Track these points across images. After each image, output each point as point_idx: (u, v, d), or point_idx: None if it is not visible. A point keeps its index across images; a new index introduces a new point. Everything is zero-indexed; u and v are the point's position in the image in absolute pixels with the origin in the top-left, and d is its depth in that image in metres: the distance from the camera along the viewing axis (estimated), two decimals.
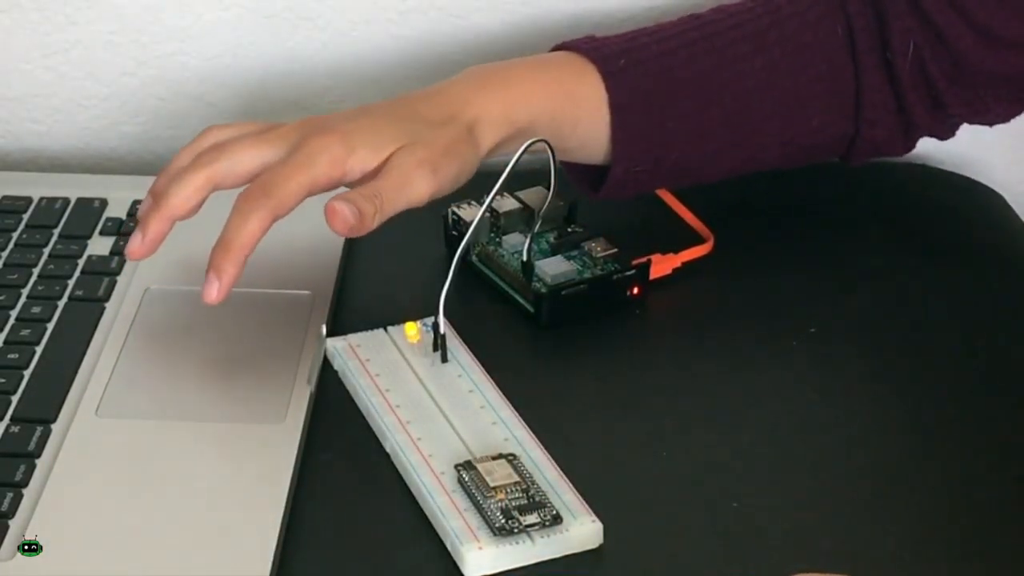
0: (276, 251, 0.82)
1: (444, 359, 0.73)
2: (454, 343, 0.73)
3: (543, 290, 0.76)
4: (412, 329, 0.74)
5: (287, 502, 0.65)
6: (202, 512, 0.65)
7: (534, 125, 0.76)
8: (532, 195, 0.81)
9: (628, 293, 0.78)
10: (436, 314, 0.72)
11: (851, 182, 0.88)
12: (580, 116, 0.78)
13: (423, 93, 0.76)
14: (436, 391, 0.71)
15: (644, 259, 0.79)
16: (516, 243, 0.79)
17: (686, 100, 0.79)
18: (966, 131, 0.85)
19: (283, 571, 0.63)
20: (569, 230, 0.80)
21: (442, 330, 0.72)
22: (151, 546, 0.63)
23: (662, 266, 0.80)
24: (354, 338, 0.75)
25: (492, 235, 0.81)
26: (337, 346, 0.74)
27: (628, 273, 0.78)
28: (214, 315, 0.77)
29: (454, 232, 0.81)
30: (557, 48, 0.81)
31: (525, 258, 0.77)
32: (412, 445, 0.67)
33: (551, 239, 0.79)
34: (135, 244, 0.72)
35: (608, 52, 0.79)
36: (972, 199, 0.91)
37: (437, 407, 0.70)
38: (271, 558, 0.62)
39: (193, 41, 0.94)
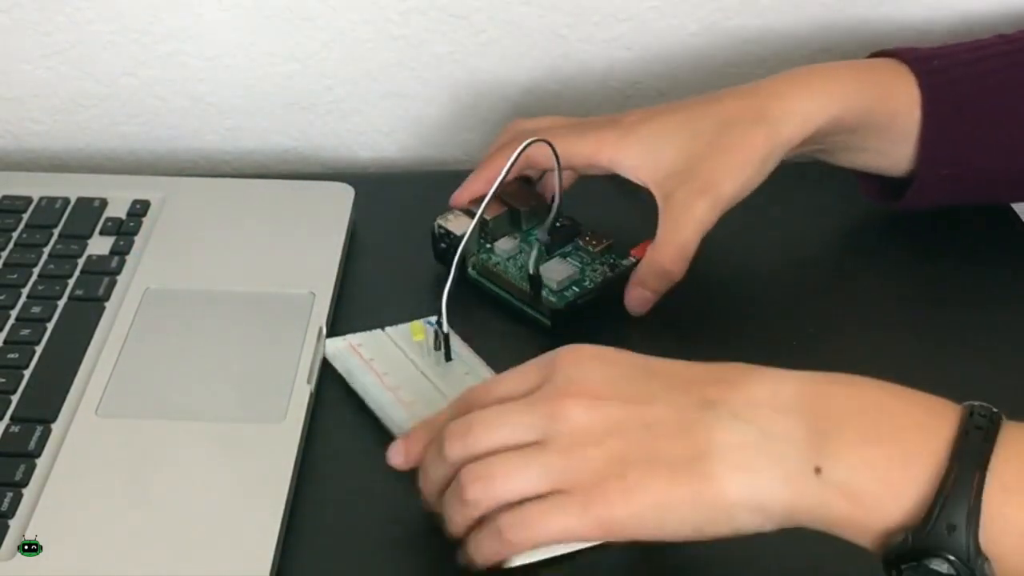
0: (276, 251, 0.82)
1: (448, 358, 0.73)
2: (457, 342, 0.73)
3: (560, 305, 0.76)
4: (417, 328, 0.74)
5: (287, 502, 0.65)
6: (202, 512, 0.64)
7: (850, 116, 0.77)
8: (516, 195, 0.80)
9: None
10: (439, 314, 0.72)
11: (851, 182, 0.88)
12: (897, 111, 0.78)
13: (729, 91, 0.78)
14: (445, 388, 0.71)
15: (641, 247, 0.78)
16: (508, 248, 0.79)
17: (997, 108, 0.79)
18: None
19: (283, 571, 0.63)
20: (558, 224, 0.79)
21: (445, 328, 0.72)
22: (151, 546, 0.63)
23: None
24: (354, 338, 0.75)
25: (482, 242, 0.80)
26: (338, 346, 0.74)
27: (630, 262, 0.78)
28: (214, 315, 0.77)
29: (443, 245, 0.80)
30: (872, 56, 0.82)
31: (532, 271, 0.76)
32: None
33: (540, 236, 0.78)
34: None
35: (921, 54, 0.79)
36: None
37: (439, 399, 0.70)
38: (271, 558, 0.62)
39: (193, 41, 0.93)
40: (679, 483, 0.57)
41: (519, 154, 0.72)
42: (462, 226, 0.78)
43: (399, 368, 0.72)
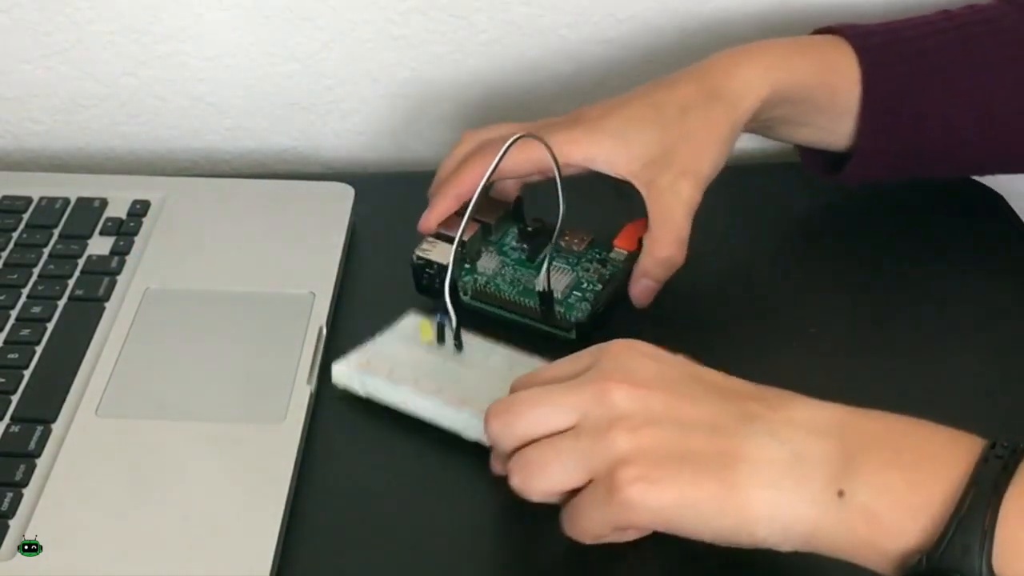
0: (276, 251, 0.82)
1: (459, 347, 0.71)
2: (465, 333, 0.72)
3: (584, 317, 0.75)
4: (425, 327, 0.72)
5: (287, 502, 0.65)
6: (202, 512, 0.64)
7: (793, 89, 0.78)
8: (482, 208, 0.77)
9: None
10: (444, 306, 0.71)
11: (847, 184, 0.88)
12: (838, 86, 0.79)
13: (680, 76, 0.79)
14: (465, 370, 0.70)
15: (623, 236, 0.78)
16: (492, 266, 0.77)
17: (937, 85, 0.80)
18: None
19: (283, 571, 0.63)
20: (529, 229, 0.78)
21: (454, 321, 0.71)
22: (151, 546, 0.63)
23: (639, 230, 0.78)
24: (357, 357, 0.72)
25: (463, 263, 0.77)
26: (346, 370, 0.72)
27: (619, 254, 0.77)
28: (214, 315, 0.77)
29: (426, 276, 0.76)
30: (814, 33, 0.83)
31: (544, 287, 0.74)
32: (461, 406, 0.68)
33: (515, 243, 0.78)
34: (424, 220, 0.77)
35: (863, 31, 0.80)
36: (972, 199, 0.91)
37: (475, 380, 0.69)
38: (271, 558, 0.62)
39: (193, 41, 0.94)
40: (704, 486, 0.58)
41: (502, 155, 0.70)
42: (443, 253, 0.75)
43: (420, 369, 0.71)
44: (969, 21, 0.81)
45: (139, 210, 0.85)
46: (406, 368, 0.71)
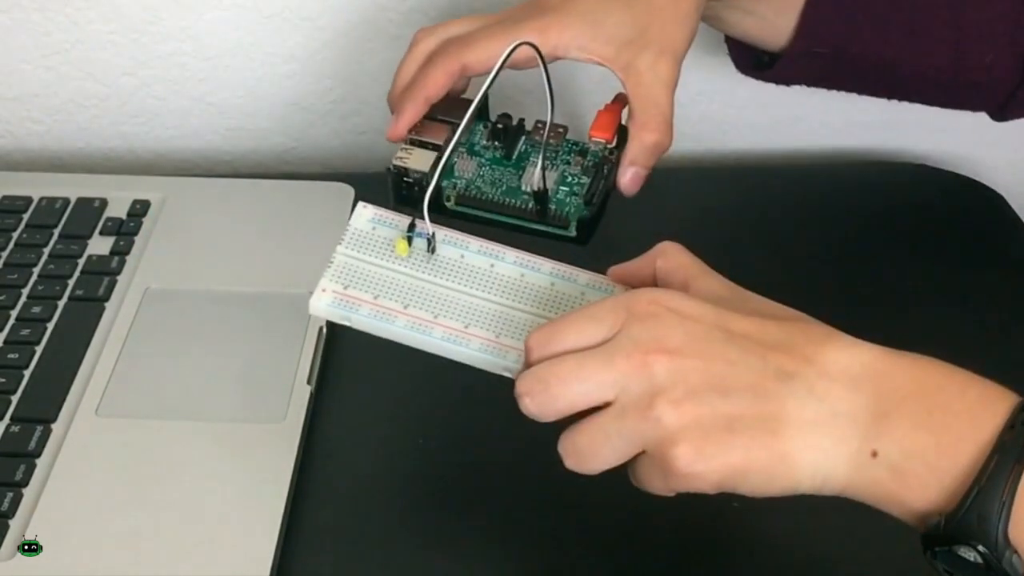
0: (276, 251, 0.82)
1: (432, 250, 0.66)
2: (441, 232, 0.67)
3: (585, 213, 0.70)
4: (402, 245, 0.66)
5: (287, 502, 0.65)
6: (202, 512, 0.65)
7: None
8: (446, 108, 0.73)
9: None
10: (421, 217, 0.66)
11: (851, 181, 0.89)
12: None
13: None
14: (450, 279, 0.66)
15: (598, 125, 0.74)
16: (471, 167, 0.73)
17: None
18: (966, 131, 0.85)
19: (283, 571, 0.63)
20: (500, 126, 0.74)
21: (429, 230, 0.66)
22: (151, 546, 0.63)
23: (614, 116, 0.75)
24: (331, 285, 0.65)
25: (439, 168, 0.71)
26: (324, 304, 0.65)
27: (599, 143, 0.74)
28: (214, 315, 0.77)
29: (405, 186, 0.71)
30: None
31: (539, 187, 0.70)
32: (466, 337, 0.63)
33: (484, 142, 0.74)
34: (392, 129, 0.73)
35: None
36: (972, 199, 0.91)
37: (462, 289, 0.65)
38: (271, 558, 0.62)
39: (193, 41, 0.94)
40: (754, 455, 0.58)
41: (501, 64, 0.68)
42: (422, 160, 0.71)
43: (397, 287, 0.65)
44: None
45: (139, 210, 0.85)
46: (390, 290, 0.65)
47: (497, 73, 0.67)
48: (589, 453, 0.60)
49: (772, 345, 0.60)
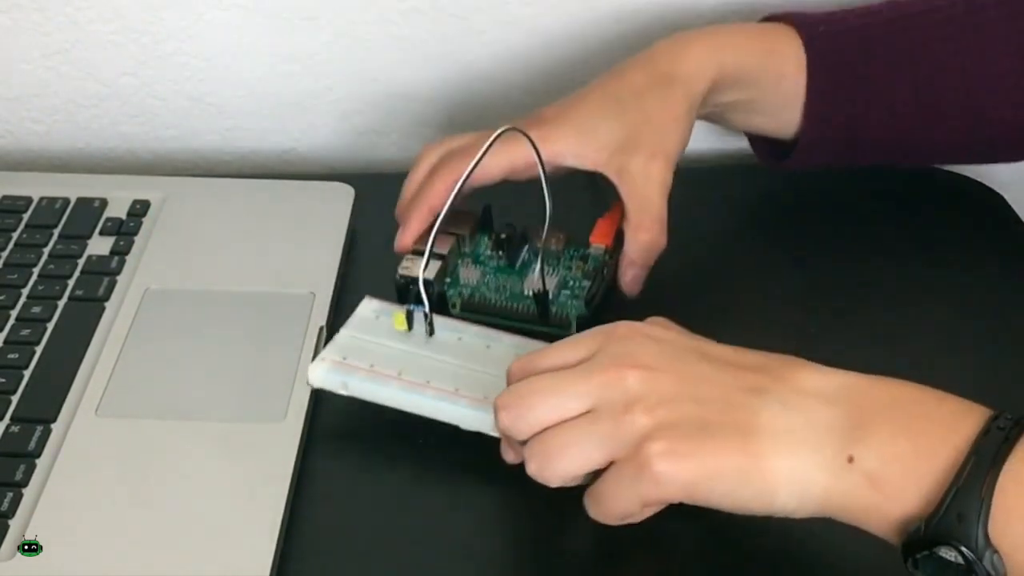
0: (276, 251, 0.82)
1: (431, 332, 0.71)
2: (438, 319, 0.72)
3: (585, 311, 0.75)
4: (399, 318, 0.71)
5: (287, 502, 0.65)
6: (202, 512, 0.65)
7: (740, 72, 0.78)
8: (453, 220, 0.77)
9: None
10: (421, 297, 0.71)
11: (852, 183, 0.88)
12: (784, 72, 0.79)
13: (630, 64, 0.79)
14: (447, 358, 0.70)
15: (598, 232, 0.78)
16: (475, 276, 0.77)
17: (881, 73, 0.80)
18: None
19: (283, 571, 0.63)
20: (503, 236, 0.78)
21: (427, 308, 0.71)
22: (151, 546, 0.63)
23: (612, 223, 0.78)
24: (331, 355, 0.70)
25: (445, 277, 0.77)
26: (323, 373, 0.70)
27: (598, 249, 0.77)
28: (214, 315, 0.77)
29: (413, 288, 0.74)
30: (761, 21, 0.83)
31: (539, 288, 0.74)
32: (456, 397, 0.67)
33: (489, 252, 0.78)
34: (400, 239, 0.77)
35: (809, 19, 0.81)
36: (972, 199, 0.91)
37: (456, 363, 0.69)
38: (271, 558, 0.62)
39: (193, 41, 0.94)
40: (729, 456, 0.59)
41: (486, 148, 0.70)
42: (427, 269, 0.74)
43: (402, 361, 0.70)
44: (915, 11, 0.81)
45: (139, 210, 0.85)
46: (387, 361, 0.70)
47: (481, 157, 0.71)
48: (557, 453, 0.61)
49: (746, 366, 0.61)
